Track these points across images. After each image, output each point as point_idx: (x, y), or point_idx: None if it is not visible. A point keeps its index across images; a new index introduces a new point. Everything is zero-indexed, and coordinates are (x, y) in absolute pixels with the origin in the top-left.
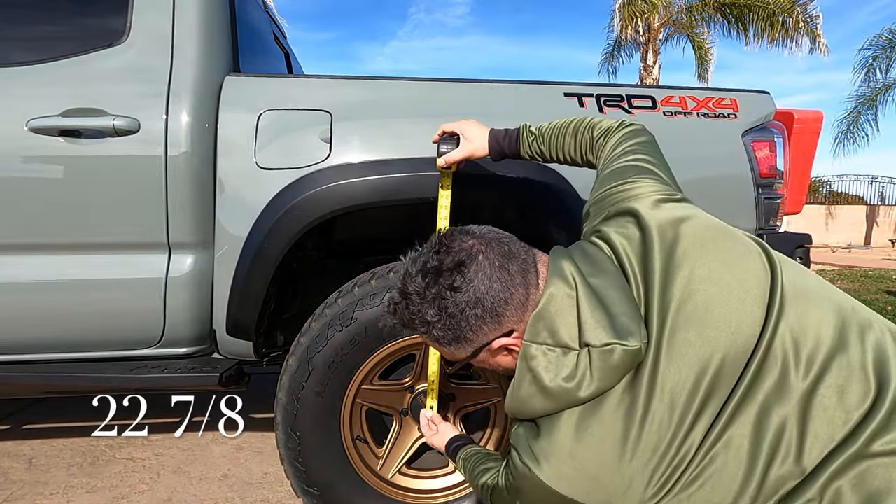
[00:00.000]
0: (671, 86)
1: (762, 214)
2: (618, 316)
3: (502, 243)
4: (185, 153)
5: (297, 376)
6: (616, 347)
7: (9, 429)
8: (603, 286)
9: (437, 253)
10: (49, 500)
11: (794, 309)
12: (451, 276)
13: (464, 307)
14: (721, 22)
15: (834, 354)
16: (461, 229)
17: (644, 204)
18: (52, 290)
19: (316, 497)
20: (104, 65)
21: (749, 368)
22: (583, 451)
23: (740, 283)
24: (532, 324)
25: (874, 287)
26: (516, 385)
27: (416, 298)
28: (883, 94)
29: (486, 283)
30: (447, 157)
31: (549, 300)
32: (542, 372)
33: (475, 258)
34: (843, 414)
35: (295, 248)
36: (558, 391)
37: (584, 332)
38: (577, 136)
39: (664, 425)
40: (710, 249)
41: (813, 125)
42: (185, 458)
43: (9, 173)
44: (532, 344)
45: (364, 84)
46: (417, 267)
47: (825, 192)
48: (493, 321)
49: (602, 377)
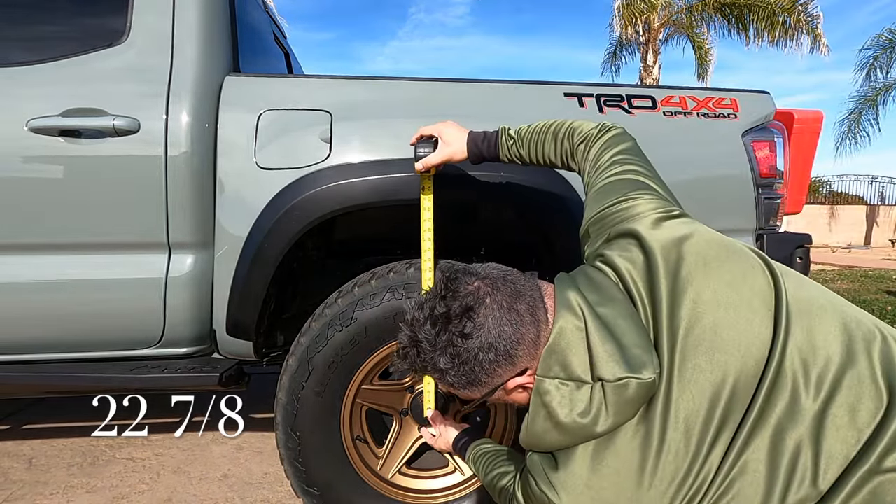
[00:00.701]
0: (671, 86)
1: (762, 214)
2: (629, 347)
3: (508, 282)
4: (185, 153)
5: (297, 376)
6: (630, 381)
7: (9, 429)
8: (612, 315)
9: (443, 298)
10: (49, 500)
11: (800, 326)
12: (460, 322)
13: (476, 353)
14: (721, 22)
15: (844, 372)
16: (465, 270)
17: (644, 224)
18: (52, 290)
19: (316, 497)
20: (104, 65)
21: (760, 391)
22: (600, 482)
23: (747, 304)
24: (544, 358)
25: (874, 287)
26: (531, 420)
27: (427, 346)
28: (883, 94)
29: (496, 326)
30: (424, 161)
31: (560, 334)
32: (556, 407)
33: (483, 301)
34: (856, 433)
35: (295, 248)
36: (574, 427)
37: (596, 365)
38: (557, 141)
39: (681, 454)
40: (714, 269)
41: (813, 125)
42: (185, 458)
43: (9, 173)
44: (545, 379)
45: (364, 84)
46: (425, 314)
47: (825, 192)
48: (507, 363)
49: (618, 412)
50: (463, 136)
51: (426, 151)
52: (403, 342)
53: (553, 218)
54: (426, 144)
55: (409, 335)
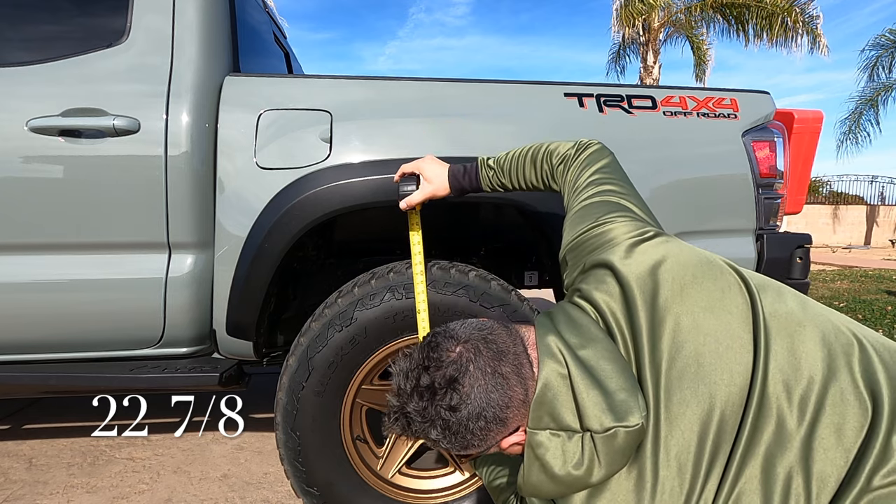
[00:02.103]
0: (671, 86)
1: (762, 214)
2: (615, 392)
3: (489, 343)
4: (185, 153)
5: (297, 376)
6: (619, 430)
7: (9, 429)
8: (594, 358)
9: (426, 369)
10: (49, 500)
11: (780, 345)
12: (446, 394)
13: (466, 423)
14: (721, 22)
15: (826, 389)
16: (445, 332)
17: (618, 254)
18: (52, 290)
19: (316, 497)
20: (104, 65)
21: (746, 419)
22: None
23: (725, 328)
24: (534, 411)
25: (874, 287)
26: (526, 472)
27: (417, 418)
28: (883, 95)
29: (483, 394)
30: (408, 201)
31: (546, 386)
32: (550, 460)
33: (466, 370)
34: (844, 453)
35: (295, 248)
36: (569, 480)
37: (583, 416)
38: (536, 166)
39: (675, 492)
40: (690, 293)
41: (813, 125)
42: (185, 458)
43: (9, 173)
44: (537, 431)
45: (364, 84)
46: (411, 384)
47: (825, 192)
48: (499, 426)
49: (610, 462)
50: (444, 172)
51: (409, 190)
52: (393, 410)
53: (553, 218)
54: (409, 182)
55: (397, 405)
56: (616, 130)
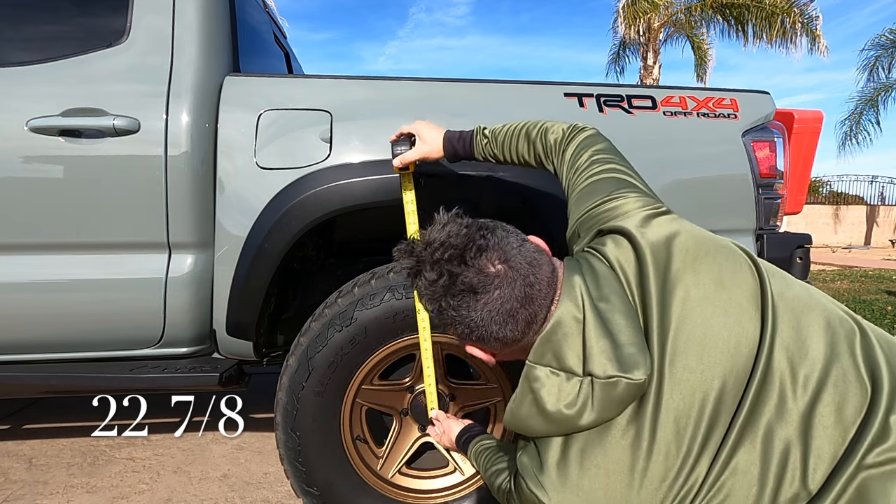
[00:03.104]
0: (671, 86)
1: (762, 214)
2: (624, 346)
3: (527, 283)
4: (185, 153)
5: (297, 376)
6: (620, 381)
7: (9, 429)
8: (610, 311)
9: (462, 257)
10: (49, 499)
11: (786, 324)
12: (457, 294)
13: (457, 322)
14: (721, 22)
15: (829, 369)
16: (502, 241)
17: (634, 222)
18: (52, 290)
19: (316, 497)
20: (104, 65)
21: (749, 392)
22: (589, 483)
23: (736, 302)
24: (539, 345)
25: (874, 287)
26: (517, 403)
27: (425, 282)
28: (883, 95)
29: (486, 318)
30: (402, 158)
31: (557, 324)
32: (544, 395)
33: (489, 291)
34: (842, 431)
35: (295, 248)
36: (559, 417)
37: (588, 360)
38: (531, 141)
39: (671, 454)
40: (703, 266)
41: (813, 125)
42: (185, 458)
43: (9, 173)
44: (537, 366)
45: (364, 84)
46: (439, 254)
47: (825, 192)
48: (478, 341)
49: (603, 408)
50: (439, 135)
51: (403, 149)
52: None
53: (556, 213)
54: (403, 143)
55: (417, 259)
56: (616, 130)
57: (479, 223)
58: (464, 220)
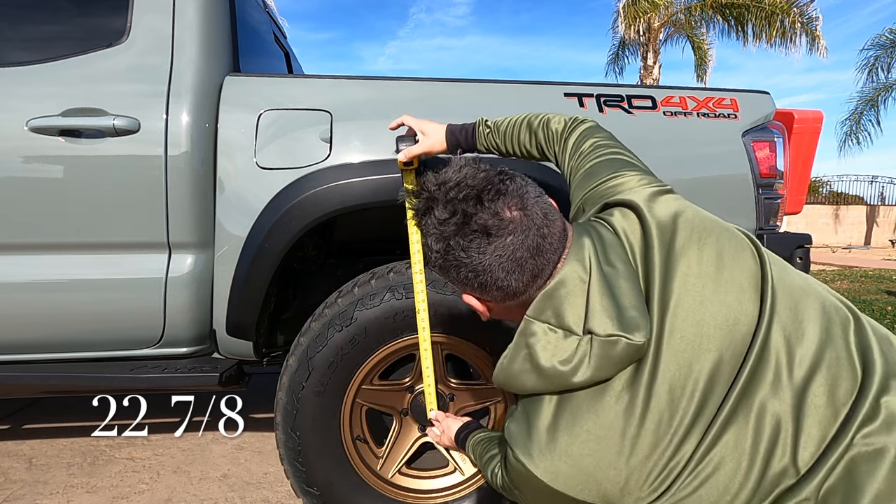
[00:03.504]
0: (671, 86)
1: (762, 214)
2: (626, 309)
3: (540, 234)
4: (185, 153)
5: (297, 376)
6: (620, 340)
7: (9, 429)
8: (614, 276)
9: (479, 198)
10: (49, 499)
11: (784, 305)
12: (470, 236)
13: (463, 264)
14: (721, 22)
15: (823, 352)
16: (521, 188)
17: (641, 197)
18: (53, 290)
19: (316, 497)
20: (104, 65)
21: (745, 367)
22: (579, 450)
23: (737, 281)
24: (539, 301)
25: (874, 287)
26: (509, 358)
27: (434, 220)
28: (883, 95)
29: (494, 263)
30: (406, 153)
31: (561, 282)
32: (539, 350)
33: (502, 236)
34: (833, 411)
35: (295, 248)
36: (552, 372)
37: (590, 318)
38: (533, 131)
39: (664, 423)
40: (707, 245)
41: (813, 125)
42: (185, 458)
43: (9, 173)
44: (535, 321)
45: (364, 84)
46: (454, 193)
47: (825, 192)
48: (480, 289)
49: (599, 367)
50: (441, 128)
51: (407, 145)
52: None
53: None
54: (406, 139)
55: (431, 194)
56: (616, 130)
57: (498, 168)
58: (482, 165)
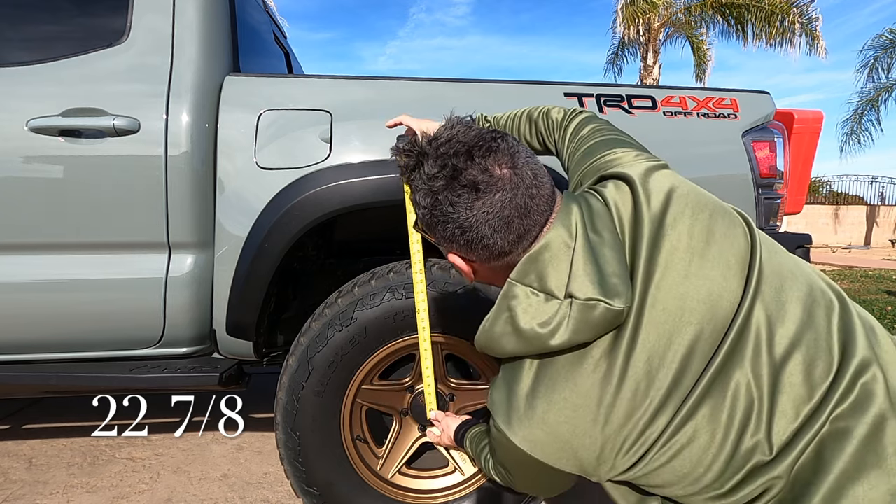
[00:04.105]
0: (671, 86)
1: (762, 214)
2: (609, 276)
3: (530, 196)
4: (185, 153)
5: (297, 376)
6: (599, 304)
7: (9, 429)
8: (599, 244)
9: (469, 154)
10: (49, 499)
11: (769, 285)
12: (459, 191)
13: (450, 219)
14: (721, 22)
15: (803, 332)
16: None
17: (636, 171)
18: (53, 290)
19: (316, 497)
20: (104, 65)
21: (725, 343)
22: (555, 417)
23: (724, 258)
24: (523, 264)
25: (874, 287)
26: (491, 321)
27: (424, 177)
28: (884, 95)
29: (481, 220)
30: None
31: (545, 247)
32: (520, 312)
33: (492, 193)
34: (808, 390)
35: (295, 249)
36: (531, 335)
37: (571, 282)
38: (533, 121)
39: (640, 393)
40: (699, 220)
41: (813, 125)
42: (185, 458)
43: (9, 173)
44: (518, 284)
45: (364, 84)
46: (445, 149)
47: (825, 192)
48: (462, 248)
49: (577, 330)
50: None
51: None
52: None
53: None
54: (405, 138)
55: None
56: None
57: (490, 128)
58: (474, 125)
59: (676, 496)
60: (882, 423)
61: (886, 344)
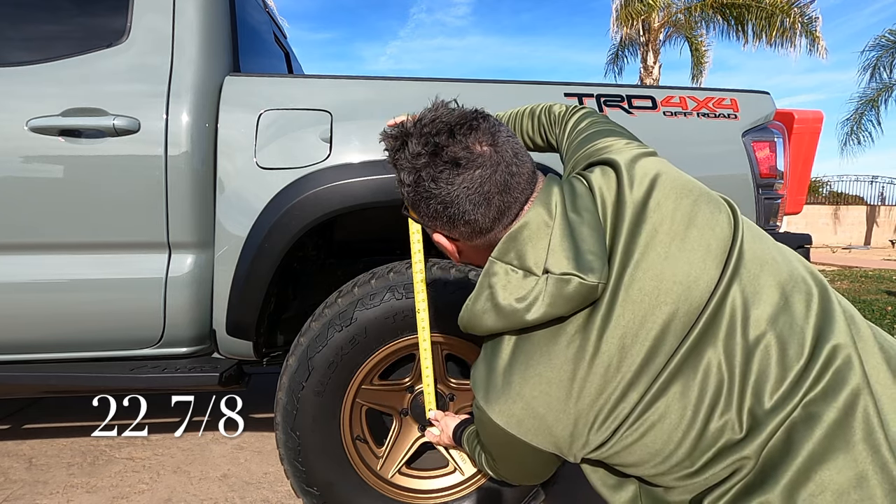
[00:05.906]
0: (671, 86)
1: (762, 214)
2: (585, 252)
3: (510, 173)
4: (185, 153)
5: (297, 376)
6: (573, 279)
7: (9, 429)
8: (579, 223)
9: (451, 132)
10: (49, 499)
11: (748, 270)
12: (440, 167)
13: (432, 195)
14: (721, 23)
15: (778, 317)
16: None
17: (624, 157)
18: (53, 290)
19: (316, 497)
20: (104, 65)
21: (699, 323)
22: (530, 391)
23: (704, 242)
24: (503, 242)
25: (874, 287)
26: (473, 299)
27: (408, 156)
28: (884, 95)
29: (462, 196)
30: None
31: (525, 225)
32: (499, 289)
33: (470, 168)
34: (781, 372)
35: (295, 249)
36: (509, 310)
37: (548, 258)
38: (535, 117)
39: (612, 369)
40: (682, 204)
41: (813, 125)
42: (185, 458)
43: (9, 173)
44: (498, 262)
45: (364, 84)
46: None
47: (825, 192)
48: (446, 223)
49: (552, 303)
50: None
51: None
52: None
53: None
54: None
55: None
56: None
57: (474, 108)
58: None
59: (648, 475)
60: (852, 408)
61: (865, 332)
